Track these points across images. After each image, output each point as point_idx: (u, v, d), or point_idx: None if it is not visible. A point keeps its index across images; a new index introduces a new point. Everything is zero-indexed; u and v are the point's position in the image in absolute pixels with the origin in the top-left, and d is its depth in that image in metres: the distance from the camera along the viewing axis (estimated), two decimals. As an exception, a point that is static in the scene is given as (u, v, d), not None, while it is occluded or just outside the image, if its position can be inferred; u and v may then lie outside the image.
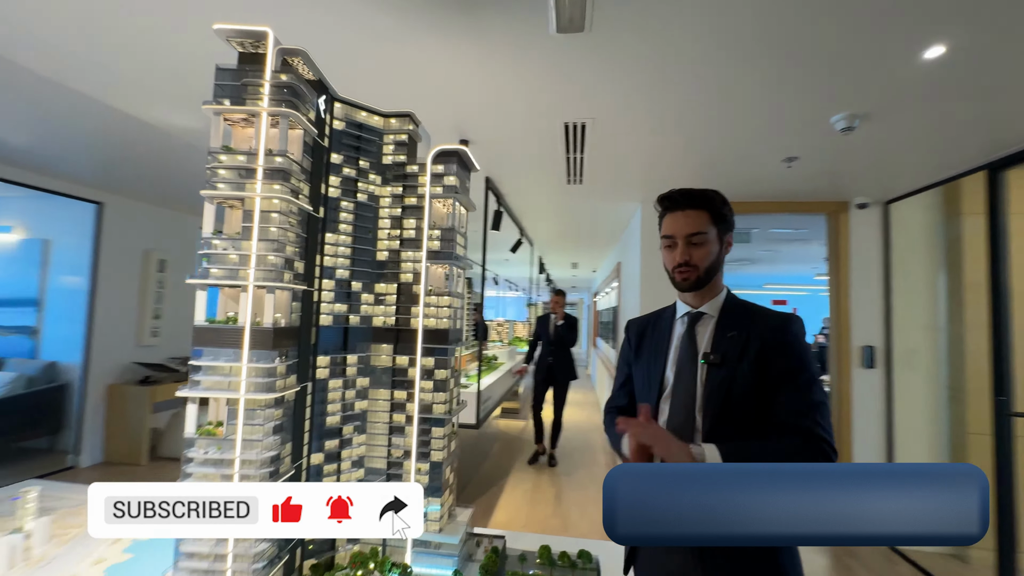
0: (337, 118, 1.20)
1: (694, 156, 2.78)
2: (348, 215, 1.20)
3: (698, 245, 1.17)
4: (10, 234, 5.02)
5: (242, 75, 0.97)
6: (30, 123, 2.87)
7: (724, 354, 1.13)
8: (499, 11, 1.48)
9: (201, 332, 0.94)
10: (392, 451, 1.23)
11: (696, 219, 1.17)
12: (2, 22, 1.66)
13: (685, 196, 1.19)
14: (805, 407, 1.06)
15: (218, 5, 1.38)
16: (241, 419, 0.92)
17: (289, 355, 1.02)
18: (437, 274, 1.25)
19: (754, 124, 2.32)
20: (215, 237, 0.96)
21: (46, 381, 4.73)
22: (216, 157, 0.95)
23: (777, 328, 1.14)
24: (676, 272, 1.18)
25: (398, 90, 2.15)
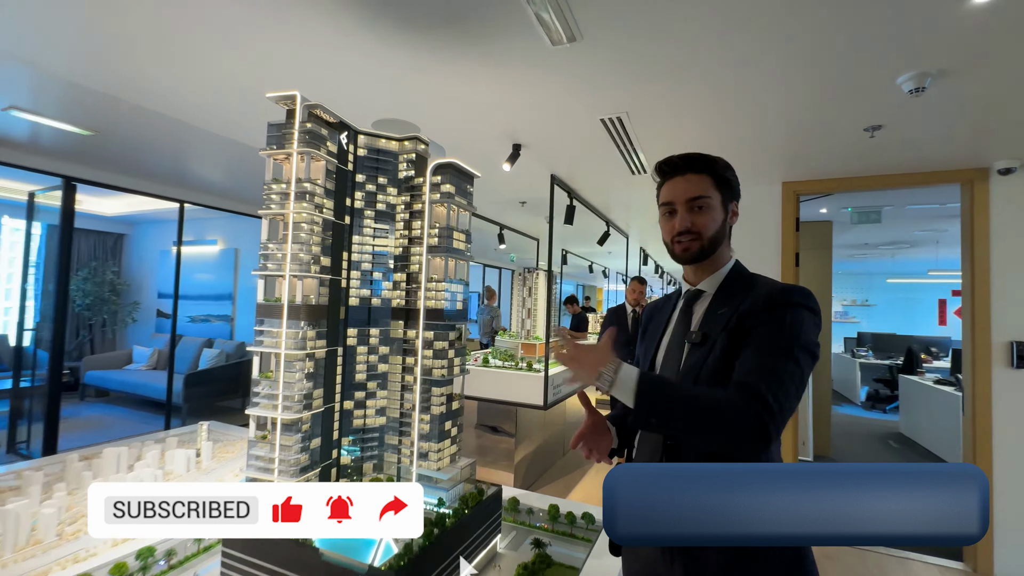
0: (361, 146, 1.57)
1: (765, 135, 2.61)
2: (370, 221, 1.57)
3: (701, 211, 1.07)
4: (215, 246, 6.64)
5: (283, 127, 1.38)
6: (221, 167, 3.93)
7: (705, 332, 1.04)
8: (506, 38, 1.72)
9: (261, 307, 1.38)
10: (404, 404, 1.57)
11: (698, 183, 1.07)
12: (202, 110, 2.44)
13: (685, 160, 1.10)
14: (759, 367, 0.92)
15: (299, 70, 1.89)
16: (282, 367, 1.33)
17: (318, 325, 1.41)
18: (436, 265, 1.55)
19: (825, 93, 2.12)
20: (269, 242, 1.39)
21: (238, 356, 6.15)
22: (269, 186, 1.38)
23: (768, 295, 1.00)
24: (675, 243, 1.09)
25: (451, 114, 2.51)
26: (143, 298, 7.35)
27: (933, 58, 1.76)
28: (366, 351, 1.57)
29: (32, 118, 2.80)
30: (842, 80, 1.94)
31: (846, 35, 1.64)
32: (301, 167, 1.36)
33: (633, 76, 2.00)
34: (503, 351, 4.09)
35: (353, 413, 1.55)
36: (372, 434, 1.58)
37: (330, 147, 1.44)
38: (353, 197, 1.55)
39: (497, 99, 2.28)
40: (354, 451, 1.56)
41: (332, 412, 1.50)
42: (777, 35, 1.66)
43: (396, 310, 1.60)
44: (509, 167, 2.85)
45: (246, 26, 1.78)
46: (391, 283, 1.61)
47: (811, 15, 1.53)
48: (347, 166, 1.53)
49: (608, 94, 2.18)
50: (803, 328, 0.95)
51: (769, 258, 3.46)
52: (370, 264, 1.58)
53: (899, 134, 2.47)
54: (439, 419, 1.52)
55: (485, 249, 8.20)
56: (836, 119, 2.35)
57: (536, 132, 2.71)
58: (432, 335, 1.53)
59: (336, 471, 1.52)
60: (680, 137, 2.68)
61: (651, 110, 2.33)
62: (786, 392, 0.89)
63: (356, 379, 1.55)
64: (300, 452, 1.35)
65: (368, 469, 1.57)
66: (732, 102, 2.20)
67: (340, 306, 1.51)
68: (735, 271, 1.11)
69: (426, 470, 1.49)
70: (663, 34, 1.68)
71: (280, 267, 1.36)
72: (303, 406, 1.36)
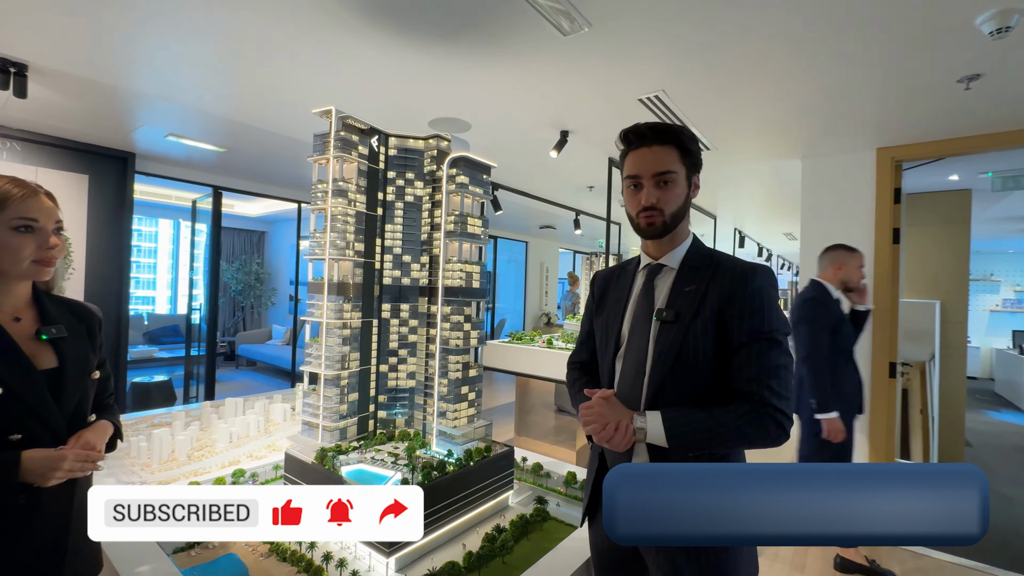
0: (392, 147, 1.82)
1: (839, 95, 2.34)
2: (400, 212, 1.82)
3: (666, 186, 1.06)
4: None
5: (323, 136, 1.67)
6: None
7: (678, 311, 1.04)
8: (522, 33, 1.84)
9: (310, 285, 1.71)
10: (428, 370, 1.81)
11: (664, 156, 1.05)
12: (304, 127, 2.94)
13: (652, 130, 1.07)
14: (760, 371, 0.97)
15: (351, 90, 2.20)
16: (324, 333, 1.64)
17: (354, 300, 1.70)
18: (453, 247, 1.75)
19: (898, 42, 1.87)
20: (316, 231, 1.70)
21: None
22: (315, 186, 1.69)
23: (738, 280, 1.02)
24: (640, 216, 1.08)
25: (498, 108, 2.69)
26: (279, 284, 8.73)
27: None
28: (398, 323, 1.84)
29: (183, 141, 3.57)
30: (916, 26, 1.70)
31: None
32: (336, 168, 1.64)
33: (656, 56, 1.98)
34: (568, 333, 4.20)
35: (387, 375, 1.83)
36: (403, 394, 1.85)
37: (361, 150, 1.71)
38: (385, 191, 1.81)
39: (533, 89, 2.39)
40: (393, 412, 1.84)
41: (368, 373, 1.79)
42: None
43: (423, 288, 1.84)
44: (556, 154, 2.93)
45: (334, 62, 2.12)
46: (419, 265, 1.85)
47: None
48: (378, 165, 1.80)
49: (637, 75, 2.17)
50: (775, 310, 1.00)
51: (859, 235, 3.09)
52: (400, 248, 1.83)
53: (1004, 83, 2.07)
54: (455, 383, 1.73)
55: (572, 235, 8.25)
56: (921, 72, 2.05)
57: (580, 118, 2.76)
58: (449, 309, 1.74)
59: (373, 423, 1.82)
60: (731, 109, 2.54)
61: (688, 85, 2.26)
62: (788, 386, 0.97)
63: (390, 347, 1.83)
64: (339, 403, 1.66)
65: (400, 423, 1.85)
66: (783, 62, 2.03)
67: (374, 284, 1.79)
68: (695, 247, 1.12)
69: (444, 427, 1.72)
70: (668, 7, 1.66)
71: (322, 251, 1.67)
72: (341, 366, 1.66)
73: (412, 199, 1.83)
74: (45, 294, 1.07)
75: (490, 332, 9.13)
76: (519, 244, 9.18)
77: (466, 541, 1.48)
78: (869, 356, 3.06)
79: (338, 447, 1.60)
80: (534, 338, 4.20)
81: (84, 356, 1.08)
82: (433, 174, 1.82)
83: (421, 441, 1.75)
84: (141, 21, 1.93)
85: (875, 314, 3.04)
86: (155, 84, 2.60)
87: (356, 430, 1.74)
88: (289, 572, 1.30)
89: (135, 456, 2.00)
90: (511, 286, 10.15)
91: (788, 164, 3.57)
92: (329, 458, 1.52)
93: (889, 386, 3.06)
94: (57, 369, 1.01)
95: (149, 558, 1.29)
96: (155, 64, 2.33)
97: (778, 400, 0.95)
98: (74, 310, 1.11)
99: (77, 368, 1.05)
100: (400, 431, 1.82)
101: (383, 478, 1.49)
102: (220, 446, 2.17)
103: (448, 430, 1.71)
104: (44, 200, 1.01)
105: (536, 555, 1.38)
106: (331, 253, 1.64)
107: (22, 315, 1.01)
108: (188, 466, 1.97)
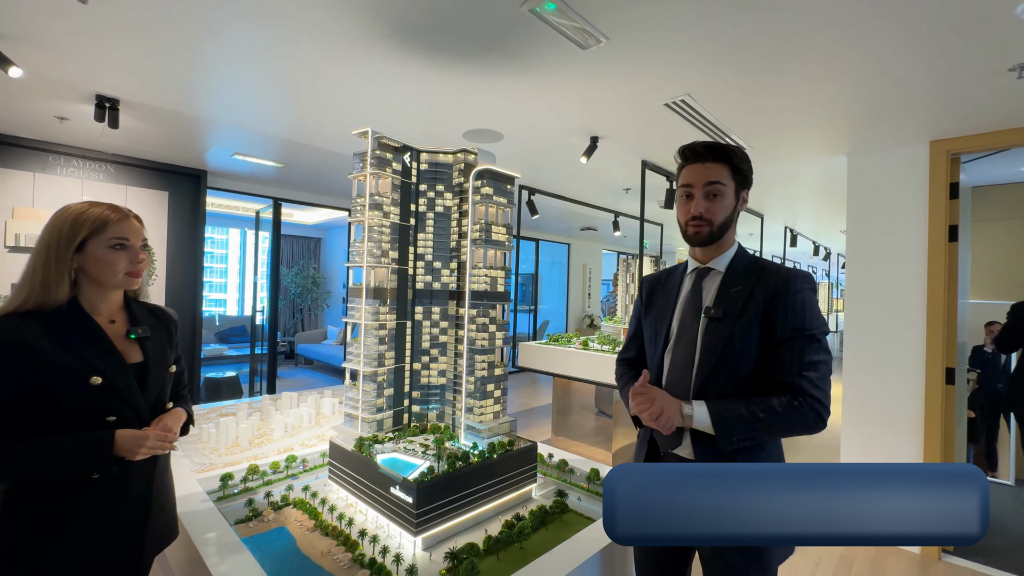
0: (423, 162, 1.98)
1: (879, 88, 2.26)
2: (431, 222, 1.97)
3: (715, 197, 1.16)
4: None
5: (361, 155, 1.85)
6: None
7: (726, 309, 1.13)
8: (541, 49, 1.95)
9: (351, 290, 1.88)
10: (457, 368, 1.94)
11: (716, 170, 1.16)
12: (351, 144, 3.18)
13: (707, 147, 1.18)
14: (800, 365, 1.06)
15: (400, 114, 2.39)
16: (362, 333, 1.81)
17: (390, 303, 1.86)
18: (478, 254, 1.87)
19: (941, 33, 1.81)
20: (356, 242, 1.88)
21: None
22: (354, 199, 1.87)
23: (781, 283, 1.11)
24: (689, 225, 1.19)
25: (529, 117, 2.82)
26: (334, 288, 9.26)
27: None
28: (429, 325, 1.98)
29: (246, 158, 3.94)
30: (953, 15, 1.64)
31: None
32: (372, 184, 1.81)
33: (677, 61, 2.01)
34: (605, 335, 4.23)
35: (420, 373, 1.98)
36: (435, 390, 1.99)
37: (395, 166, 1.87)
38: (417, 203, 1.97)
39: (559, 99, 2.48)
40: (426, 407, 1.99)
41: (403, 370, 1.95)
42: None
43: (452, 292, 1.98)
44: (586, 160, 2.99)
45: (377, 87, 2.34)
46: (448, 270, 1.99)
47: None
48: (411, 179, 1.95)
49: (659, 81, 2.21)
50: (816, 311, 1.10)
51: (911, 234, 2.94)
52: (431, 255, 1.98)
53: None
54: (481, 381, 1.85)
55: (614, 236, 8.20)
56: (969, 61, 1.96)
57: (609, 124, 2.82)
58: (475, 312, 1.87)
59: (407, 416, 1.97)
60: (765, 108, 2.51)
61: (715, 87, 2.27)
62: (826, 379, 1.07)
63: (422, 346, 1.98)
64: (377, 397, 1.83)
65: (432, 418, 1.99)
66: (815, 59, 2.00)
67: (408, 289, 1.95)
68: (740, 253, 1.22)
69: (471, 421, 1.84)
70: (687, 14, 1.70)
71: (360, 259, 1.84)
72: (378, 363, 1.83)
73: (442, 209, 1.98)
74: (133, 300, 1.29)
75: (532, 334, 9.22)
76: (561, 246, 9.23)
77: (488, 527, 1.60)
78: (924, 362, 2.91)
79: (375, 437, 1.77)
80: (571, 340, 4.26)
81: (164, 353, 1.28)
82: (461, 186, 1.95)
83: (450, 434, 1.88)
84: (213, 60, 2.20)
85: (929, 317, 2.89)
86: (224, 111, 2.92)
87: (392, 422, 1.90)
88: (330, 545, 1.47)
89: (206, 441, 2.27)
90: (554, 288, 10.20)
91: (836, 160, 3.45)
92: (366, 447, 1.68)
93: (947, 393, 2.88)
94: (143, 363, 1.21)
95: (215, 527, 1.50)
96: (224, 95, 2.63)
97: (816, 391, 1.04)
98: (155, 313, 1.33)
99: (158, 363, 1.25)
100: (432, 425, 1.97)
101: (413, 466, 1.63)
102: (277, 435, 2.42)
103: (475, 424, 1.83)
104: (134, 222, 1.22)
105: (553, 543, 1.48)
106: (368, 261, 1.81)
107: (116, 318, 1.23)
108: (249, 451, 2.21)
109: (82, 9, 1.75)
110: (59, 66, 2.28)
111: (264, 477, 1.91)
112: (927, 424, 2.87)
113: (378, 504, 1.56)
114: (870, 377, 3.07)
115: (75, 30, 1.93)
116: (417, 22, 1.81)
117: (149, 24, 1.88)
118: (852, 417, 3.14)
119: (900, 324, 2.97)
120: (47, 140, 3.65)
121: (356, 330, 1.88)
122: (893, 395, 2.99)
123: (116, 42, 2.03)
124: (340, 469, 1.77)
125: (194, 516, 1.56)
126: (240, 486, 1.82)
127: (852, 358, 3.14)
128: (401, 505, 1.46)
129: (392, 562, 1.35)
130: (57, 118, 3.12)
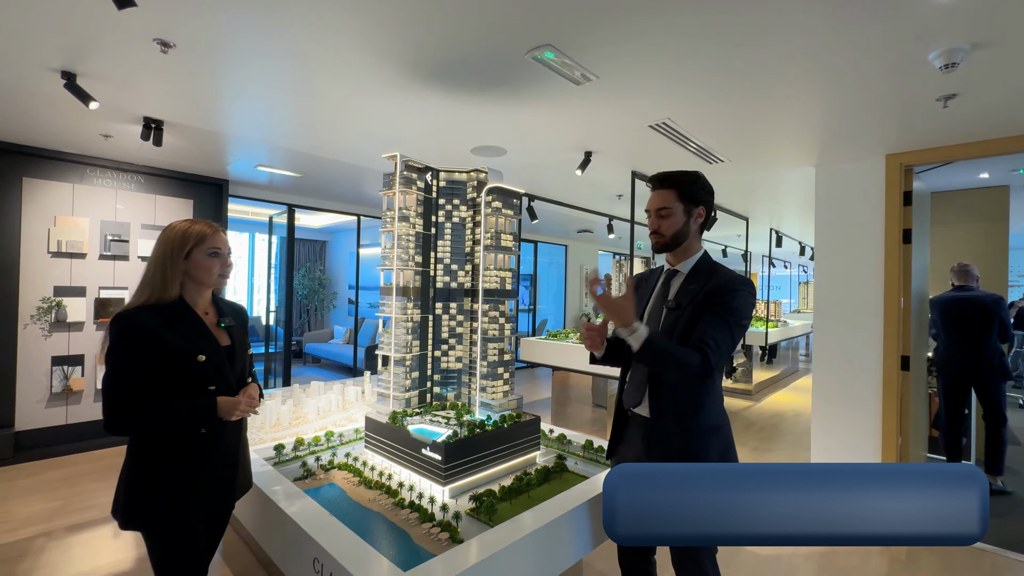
0: (442, 180, 2.32)
1: (855, 110, 2.59)
2: (448, 231, 2.31)
3: (664, 217, 1.48)
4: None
5: (389, 175, 2.19)
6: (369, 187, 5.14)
7: (679, 301, 1.44)
8: (538, 84, 2.28)
9: (382, 289, 2.23)
10: (471, 354, 2.28)
11: (665, 196, 1.48)
12: (366, 157, 3.53)
13: (658, 178, 1.50)
14: (704, 334, 1.35)
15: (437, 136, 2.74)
16: (393, 325, 2.16)
17: (415, 300, 2.20)
18: (489, 258, 2.22)
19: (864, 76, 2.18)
20: (386, 248, 2.22)
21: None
22: (384, 212, 2.21)
23: (724, 282, 1.39)
24: (651, 238, 1.53)
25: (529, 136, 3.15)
26: (340, 289, 9.58)
27: (957, 34, 1.77)
28: (448, 318, 2.33)
29: (268, 169, 4.28)
30: (882, 58, 1.97)
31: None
32: (400, 199, 2.15)
33: (661, 90, 2.37)
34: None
35: (440, 359, 2.33)
36: (453, 374, 2.34)
37: (419, 184, 2.22)
38: (436, 215, 2.31)
39: (557, 122, 2.83)
40: (445, 389, 2.33)
41: (426, 357, 2.29)
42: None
43: (467, 290, 2.33)
44: (581, 173, 3.34)
45: (392, 110, 2.68)
46: (464, 272, 2.33)
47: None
48: (431, 195, 2.30)
49: (644, 108, 2.56)
50: (740, 307, 1.39)
51: (871, 238, 3.30)
52: (449, 259, 2.32)
53: (981, 97, 2.30)
54: (492, 365, 2.20)
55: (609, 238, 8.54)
56: (906, 91, 2.30)
57: (600, 141, 3.17)
58: (487, 307, 2.21)
59: (430, 396, 2.31)
60: (740, 127, 2.86)
61: (694, 111, 2.63)
62: (720, 349, 1.35)
63: (442, 336, 2.32)
64: (404, 379, 2.17)
65: (451, 397, 2.34)
66: (790, 85, 2.31)
67: (430, 288, 2.29)
68: (703, 259, 1.53)
69: (484, 399, 2.19)
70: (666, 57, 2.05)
71: (390, 263, 2.19)
72: (406, 350, 2.17)
73: (458, 220, 2.32)
74: (217, 297, 1.62)
75: (532, 331, 9.57)
76: (559, 248, 9.57)
77: (502, 483, 1.94)
78: (881, 349, 3.27)
79: (405, 411, 2.11)
80: (568, 335, 4.61)
81: (243, 338, 1.62)
82: (474, 200, 2.30)
83: (467, 410, 2.23)
84: (252, 91, 2.54)
85: (886, 311, 3.25)
86: (254, 130, 3.26)
87: (417, 401, 2.24)
88: (374, 495, 1.81)
89: (252, 420, 2.61)
90: (552, 288, 10.56)
91: (807, 171, 3.81)
92: (399, 418, 2.02)
93: (903, 378, 3.24)
94: (230, 346, 1.55)
95: (278, 482, 1.84)
96: (256, 116, 2.98)
97: (708, 350, 1.31)
98: (234, 308, 1.66)
99: (241, 346, 1.59)
100: (450, 403, 2.31)
101: (437, 434, 1.97)
102: (311, 416, 2.75)
103: (487, 401, 2.17)
104: (223, 235, 1.56)
105: (554, 494, 1.82)
106: (397, 264, 2.15)
107: (208, 311, 1.57)
108: (290, 429, 2.55)
109: (159, 55, 2.08)
110: (120, 96, 2.61)
111: (310, 447, 2.24)
112: (884, 405, 3.24)
113: (411, 464, 1.91)
114: (837, 364, 3.44)
115: (142, 67, 2.27)
116: (435, 62, 2.16)
117: (203, 64, 2.22)
118: (821, 401, 3.50)
119: (862, 318, 3.34)
120: (88, 154, 3.98)
121: (387, 322, 2.22)
122: (856, 380, 3.35)
123: (172, 77, 2.37)
124: (376, 438, 2.11)
125: (259, 476, 1.90)
126: (291, 454, 2.16)
127: (821, 349, 3.51)
128: (431, 462, 1.81)
129: (428, 502, 1.70)
130: (102, 136, 3.45)
